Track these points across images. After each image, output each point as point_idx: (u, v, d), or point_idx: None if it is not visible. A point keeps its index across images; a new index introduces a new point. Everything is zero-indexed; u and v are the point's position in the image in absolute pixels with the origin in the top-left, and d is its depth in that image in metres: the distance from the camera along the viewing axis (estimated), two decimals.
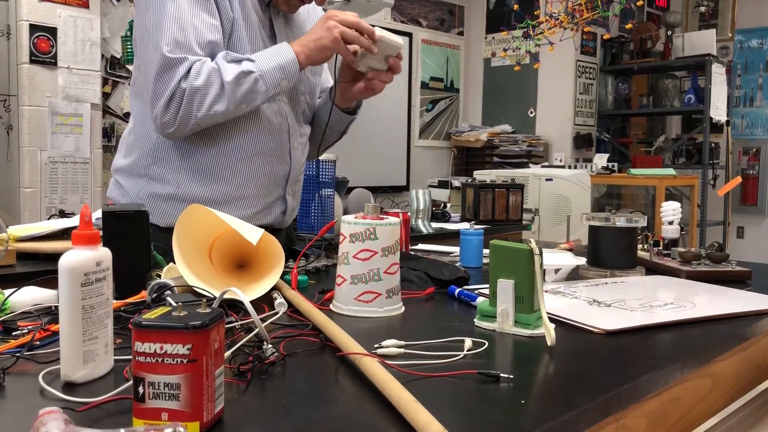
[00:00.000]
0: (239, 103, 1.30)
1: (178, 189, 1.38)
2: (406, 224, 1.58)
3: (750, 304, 1.08)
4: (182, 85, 1.26)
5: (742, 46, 5.70)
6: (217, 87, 1.27)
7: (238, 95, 1.29)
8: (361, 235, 1.01)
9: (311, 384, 0.73)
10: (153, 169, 1.39)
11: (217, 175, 1.38)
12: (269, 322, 0.92)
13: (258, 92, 1.30)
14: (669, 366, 0.82)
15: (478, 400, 0.69)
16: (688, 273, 1.35)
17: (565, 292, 1.16)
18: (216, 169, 1.38)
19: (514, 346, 0.89)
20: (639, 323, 0.96)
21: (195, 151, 1.37)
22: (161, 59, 1.26)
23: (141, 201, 1.38)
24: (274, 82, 1.32)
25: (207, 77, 1.27)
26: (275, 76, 1.31)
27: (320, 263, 1.39)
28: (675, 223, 1.55)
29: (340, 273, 1.04)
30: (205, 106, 1.28)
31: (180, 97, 1.27)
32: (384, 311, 1.02)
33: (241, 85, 1.28)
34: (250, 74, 1.29)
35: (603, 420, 0.71)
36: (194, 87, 1.26)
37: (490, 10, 5.25)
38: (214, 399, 0.59)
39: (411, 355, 0.80)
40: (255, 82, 1.29)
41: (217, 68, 1.28)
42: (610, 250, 1.39)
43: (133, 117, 1.45)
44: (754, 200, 5.44)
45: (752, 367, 1.14)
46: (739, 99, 5.71)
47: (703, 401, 0.98)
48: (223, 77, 1.27)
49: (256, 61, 1.30)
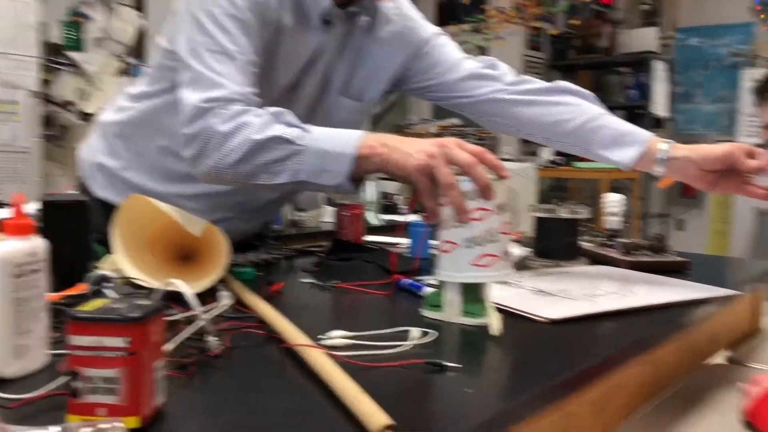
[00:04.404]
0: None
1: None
2: (359, 216, 1.57)
3: (689, 293, 1.12)
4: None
5: (682, 44, 5.87)
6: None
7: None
8: (474, 193, 0.91)
9: (256, 376, 0.72)
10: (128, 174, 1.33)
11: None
12: (214, 315, 0.90)
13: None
14: (612, 354, 0.84)
15: (425, 389, 0.69)
16: (630, 263, 1.38)
17: (511, 281, 1.17)
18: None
19: (461, 336, 0.89)
20: (582, 312, 0.97)
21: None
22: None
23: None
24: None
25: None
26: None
27: (269, 255, 1.37)
28: (618, 214, 1.58)
29: (448, 238, 0.93)
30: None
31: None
32: (503, 275, 0.94)
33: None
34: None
35: (548, 408, 0.71)
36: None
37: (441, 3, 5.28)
38: (154, 393, 0.58)
39: (358, 345, 0.79)
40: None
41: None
42: (555, 241, 1.41)
43: (135, 108, 1.32)
44: (693, 193, 5.62)
45: (691, 353, 1.18)
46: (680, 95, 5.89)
47: (644, 387, 1.00)
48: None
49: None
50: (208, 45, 1.09)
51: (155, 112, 1.28)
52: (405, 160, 0.95)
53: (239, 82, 1.08)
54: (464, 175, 0.91)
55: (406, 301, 1.08)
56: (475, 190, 0.90)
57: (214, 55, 1.08)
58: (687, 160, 1.21)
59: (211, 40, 1.09)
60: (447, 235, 0.93)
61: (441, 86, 1.38)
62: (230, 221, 1.35)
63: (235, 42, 1.10)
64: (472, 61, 1.39)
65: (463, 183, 0.90)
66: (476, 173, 0.90)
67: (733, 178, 1.18)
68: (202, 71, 1.07)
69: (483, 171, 0.90)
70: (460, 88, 1.37)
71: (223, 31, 1.10)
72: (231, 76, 1.08)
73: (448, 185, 0.90)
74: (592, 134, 1.29)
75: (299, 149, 1.01)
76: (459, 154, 0.92)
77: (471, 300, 0.93)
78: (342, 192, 1.05)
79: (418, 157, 0.94)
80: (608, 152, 1.27)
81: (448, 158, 0.92)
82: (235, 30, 1.10)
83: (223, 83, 1.06)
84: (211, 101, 1.05)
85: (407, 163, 0.95)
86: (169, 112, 1.20)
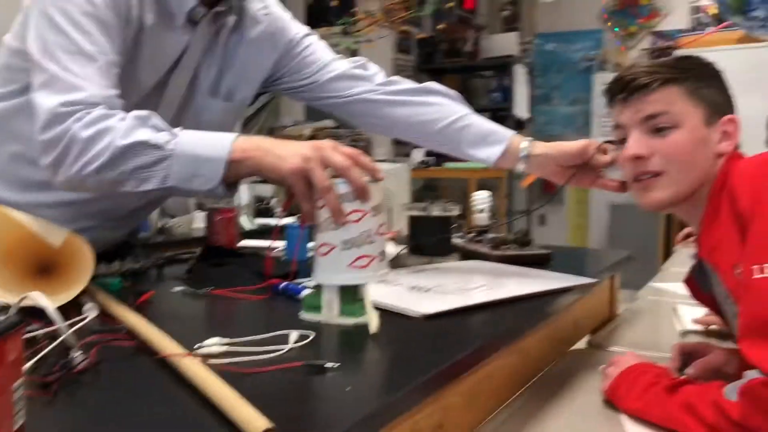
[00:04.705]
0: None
1: None
2: (231, 220, 1.54)
3: (553, 283, 1.18)
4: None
5: (540, 49, 6.22)
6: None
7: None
8: (349, 195, 0.90)
9: (127, 390, 0.69)
10: None
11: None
12: (77, 328, 0.85)
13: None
14: (482, 344, 0.87)
15: (305, 391, 0.69)
16: (498, 257, 1.44)
17: (388, 279, 1.19)
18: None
19: (340, 336, 0.90)
20: (455, 305, 1.01)
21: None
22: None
23: None
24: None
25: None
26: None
27: (136, 264, 1.31)
28: (486, 211, 1.65)
29: (325, 241, 0.93)
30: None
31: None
32: (380, 275, 0.94)
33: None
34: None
35: (424, 400, 0.73)
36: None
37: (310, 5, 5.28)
38: (12, 415, 0.53)
39: (235, 352, 0.78)
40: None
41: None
42: (429, 238, 1.45)
43: None
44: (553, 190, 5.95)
45: (556, 341, 1.25)
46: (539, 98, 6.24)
47: (514, 376, 1.05)
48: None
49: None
50: (64, 45, 1.02)
51: (5, 117, 1.18)
52: (279, 163, 0.94)
53: (100, 85, 1.02)
54: (340, 177, 0.91)
55: (284, 304, 1.07)
56: (350, 192, 0.91)
57: (71, 56, 1.02)
58: (546, 156, 1.28)
59: (67, 40, 1.02)
60: (324, 238, 0.93)
61: (313, 86, 1.39)
62: (94, 230, 1.28)
63: (94, 42, 1.04)
64: (343, 62, 1.40)
65: (339, 185, 0.91)
66: (352, 176, 0.90)
67: (588, 173, 1.26)
68: (58, 73, 1.01)
69: (358, 173, 0.91)
70: (332, 88, 1.38)
71: (81, 30, 1.03)
72: (91, 78, 1.02)
73: (324, 188, 0.90)
74: (460, 133, 1.34)
75: (167, 154, 0.97)
76: (334, 157, 0.91)
77: (349, 300, 0.94)
78: (215, 196, 1.02)
79: (293, 160, 0.93)
80: (475, 150, 1.33)
81: (323, 161, 0.92)
82: (94, 29, 1.04)
83: (83, 85, 1.00)
84: (70, 105, 0.98)
85: (282, 166, 0.94)
86: (21, 116, 1.12)
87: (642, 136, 0.99)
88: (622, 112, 1.01)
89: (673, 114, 0.97)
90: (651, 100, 0.98)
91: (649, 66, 1.01)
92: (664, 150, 0.97)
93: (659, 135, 0.98)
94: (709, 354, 1.04)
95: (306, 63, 1.38)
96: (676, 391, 0.87)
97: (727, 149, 0.98)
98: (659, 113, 0.97)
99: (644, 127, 0.99)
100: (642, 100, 0.99)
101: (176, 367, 0.71)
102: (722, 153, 0.98)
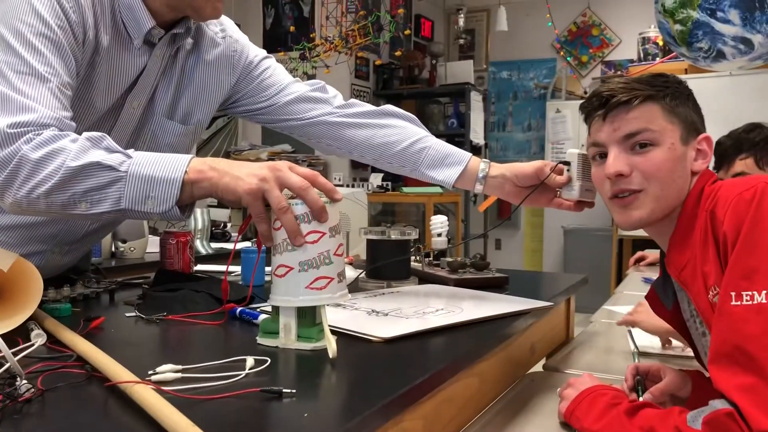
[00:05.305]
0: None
1: None
2: (185, 244, 1.51)
3: (510, 306, 1.19)
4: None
5: (495, 77, 6.34)
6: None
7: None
8: (307, 216, 0.90)
9: (76, 419, 0.66)
10: None
11: None
12: (23, 356, 0.82)
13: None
14: (441, 368, 0.87)
15: (261, 418, 0.68)
16: (455, 281, 1.45)
17: (346, 304, 1.18)
18: None
19: (297, 361, 0.88)
20: (413, 329, 1.00)
21: None
22: None
23: None
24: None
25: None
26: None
27: (87, 290, 1.27)
28: (443, 235, 1.66)
29: (282, 263, 0.91)
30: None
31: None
32: (339, 297, 0.93)
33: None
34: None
35: (384, 425, 0.73)
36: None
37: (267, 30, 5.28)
38: None
39: (190, 378, 0.76)
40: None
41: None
42: (387, 261, 1.45)
43: None
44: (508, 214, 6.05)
45: (512, 365, 1.25)
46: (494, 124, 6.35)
47: (472, 399, 1.05)
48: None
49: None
50: (15, 65, 1.00)
51: None
52: (235, 184, 0.92)
53: (52, 106, 1.00)
54: (297, 198, 0.91)
55: (241, 330, 1.06)
56: (308, 213, 0.90)
57: (22, 77, 1.00)
58: (503, 177, 1.30)
59: (18, 60, 1.00)
60: (281, 259, 0.91)
61: (270, 109, 1.38)
62: (44, 254, 1.25)
63: (47, 63, 1.02)
64: (301, 84, 1.40)
65: (296, 206, 0.90)
66: (309, 196, 0.89)
67: (544, 193, 1.28)
68: (8, 94, 0.98)
69: (316, 194, 0.90)
70: (290, 110, 1.38)
71: (32, 51, 1.01)
72: (42, 99, 1.00)
73: (281, 209, 0.89)
74: (419, 155, 1.35)
75: (120, 176, 0.94)
76: (291, 178, 0.90)
77: (307, 324, 0.93)
78: (169, 219, 1.00)
79: (249, 180, 0.91)
80: (434, 172, 1.34)
81: (280, 181, 0.91)
82: (46, 50, 1.02)
83: (34, 107, 0.98)
84: (20, 126, 0.96)
85: (238, 187, 0.92)
86: None
87: (621, 154, 0.98)
88: (601, 129, 1.00)
89: (653, 131, 0.96)
90: (631, 117, 0.97)
91: (627, 83, 1.00)
92: (644, 167, 0.96)
93: (639, 152, 0.97)
94: (665, 377, 1.05)
95: (264, 86, 1.37)
96: (635, 414, 0.87)
97: (702, 167, 0.98)
98: (640, 130, 0.96)
99: (624, 144, 0.98)
100: (622, 118, 0.98)
101: (128, 395, 0.69)
102: (697, 171, 0.98)
